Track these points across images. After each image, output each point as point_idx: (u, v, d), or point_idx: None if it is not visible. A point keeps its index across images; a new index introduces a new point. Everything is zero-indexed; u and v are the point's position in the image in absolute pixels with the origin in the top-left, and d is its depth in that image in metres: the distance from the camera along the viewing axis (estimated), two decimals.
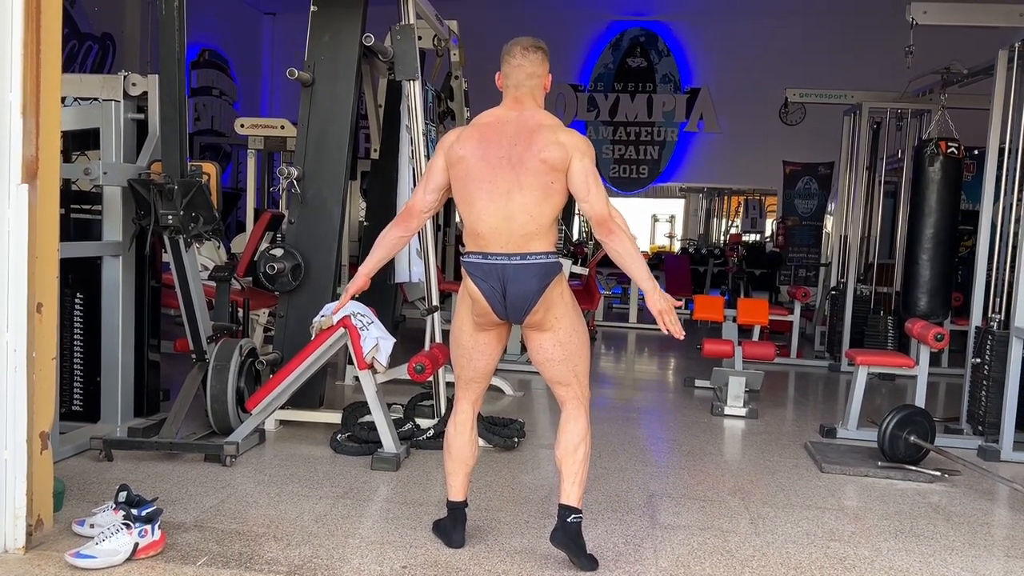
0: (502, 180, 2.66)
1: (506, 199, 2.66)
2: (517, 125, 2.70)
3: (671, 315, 2.61)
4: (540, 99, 2.79)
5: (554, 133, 2.68)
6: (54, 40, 2.80)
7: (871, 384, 6.51)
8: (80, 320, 4.26)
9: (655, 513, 3.49)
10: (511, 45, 2.78)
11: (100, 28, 9.33)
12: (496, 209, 2.67)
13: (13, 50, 2.67)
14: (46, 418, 2.87)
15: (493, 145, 2.68)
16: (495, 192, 2.67)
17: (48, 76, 2.78)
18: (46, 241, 2.82)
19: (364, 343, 3.93)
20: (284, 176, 4.55)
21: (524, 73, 2.74)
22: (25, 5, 2.68)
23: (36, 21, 2.72)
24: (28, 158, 2.73)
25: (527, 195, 2.65)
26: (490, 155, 2.68)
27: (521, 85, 2.75)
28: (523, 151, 2.66)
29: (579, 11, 12.62)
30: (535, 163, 2.64)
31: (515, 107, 2.76)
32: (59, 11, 2.82)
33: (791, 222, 12.06)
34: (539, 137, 2.66)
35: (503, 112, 2.76)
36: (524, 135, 2.67)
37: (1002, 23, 4.87)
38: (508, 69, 2.76)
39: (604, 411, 5.33)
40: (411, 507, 3.40)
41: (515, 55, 2.75)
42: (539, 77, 2.77)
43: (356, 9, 4.63)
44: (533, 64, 2.74)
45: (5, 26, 2.66)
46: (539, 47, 2.77)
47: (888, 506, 3.72)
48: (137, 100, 4.21)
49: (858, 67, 10.39)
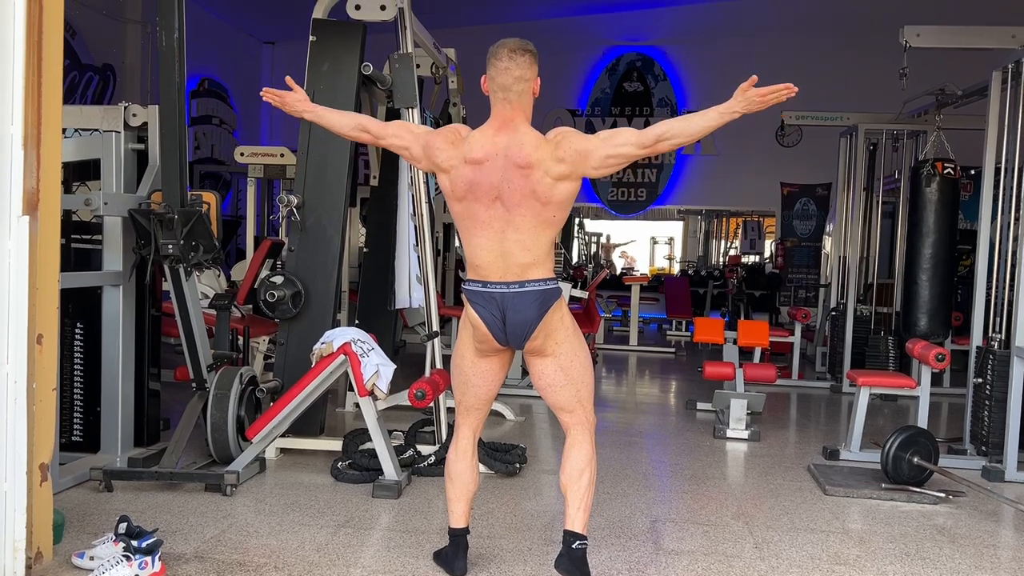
0: (496, 221, 2.64)
1: (501, 238, 2.65)
2: (506, 161, 2.60)
3: (760, 91, 2.53)
4: (529, 108, 2.67)
5: (543, 166, 2.58)
6: (55, 73, 2.82)
7: (873, 405, 6.49)
8: (80, 350, 4.26)
9: (659, 539, 3.47)
10: (497, 47, 2.64)
11: (101, 59, 9.41)
12: (492, 246, 2.67)
13: (15, 83, 2.69)
14: (46, 449, 2.87)
15: (485, 187, 2.62)
16: (490, 231, 2.66)
17: (49, 109, 2.80)
18: (47, 272, 2.83)
19: (364, 370, 3.92)
20: (284, 204, 4.57)
21: (512, 77, 2.60)
22: (27, 38, 2.71)
23: (38, 54, 2.75)
24: (29, 190, 2.75)
25: (522, 233, 2.64)
26: (483, 196, 2.63)
27: (509, 90, 2.61)
28: (516, 192, 2.60)
29: (576, 37, 12.75)
30: (530, 203, 2.61)
31: (504, 130, 2.63)
32: (60, 44, 2.85)
33: (790, 243, 12.08)
34: (532, 175, 2.58)
35: (491, 142, 2.62)
36: (516, 175, 2.59)
37: (994, 45, 4.91)
38: (494, 72, 2.62)
39: (606, 435, 5.31)
40: (413, 535, 3.38)
41: (502, 58, 2.61)
42: (527, 81, 2.63)
43: (355, 39, 4.67)
44: (521, 67, 2.61)
45: (6, 59, 2.68)
46: (527, 50, 2.63)
47: (893, 528, 3.70)
48: (137, 131, 4.24)
49: (854, 88, 10.47)
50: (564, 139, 2.62)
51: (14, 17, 2.68)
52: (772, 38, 12.00)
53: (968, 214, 8.17)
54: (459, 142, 2.67)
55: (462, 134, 2.70)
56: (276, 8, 10.93)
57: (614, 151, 2.60)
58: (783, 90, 2.53)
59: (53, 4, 2.80)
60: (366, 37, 4.71)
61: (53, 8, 2.80)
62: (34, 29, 2.73)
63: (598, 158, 2.60)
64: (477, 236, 2.68)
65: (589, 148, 2.60)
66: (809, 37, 11.83)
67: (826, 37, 11.72)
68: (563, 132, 2.66)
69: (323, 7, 4.72)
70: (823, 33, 11.71)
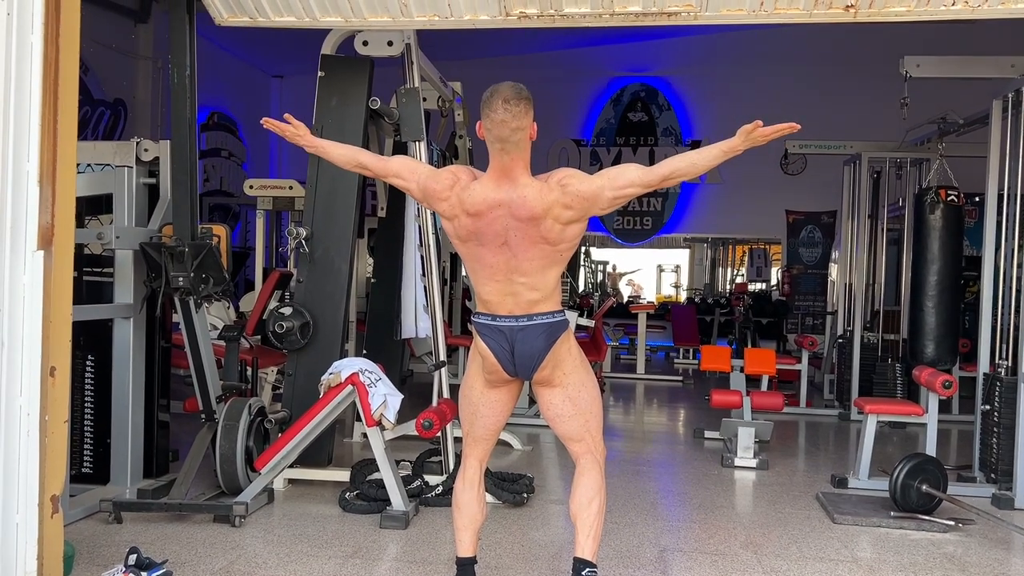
0: (503, 264, 2.67)
1: (508, 279, 2.69)
2: (509, 214, 2.60)
3: (764, 130, 2.59)
4: (527, 154, 2.64)
5: (552, 213, 2.58)
6: (70, 111, 2.89)
7: (882, 433, 6.47)
8: (91, 381, 4.30)
9: (667, 568, 3.46)
10: (491, 97, 2.58)
11: (112, 94, 9.56)
12: (500, 288, 2.71)
13: (31, 121, 2.75)
14: (57, 481, 2.88)
15: (490, 235, 2.64)
16: (498, 274, 2.69)
17: (64, 146, 2.86)
18: (60, 306, 2.87)
19: (372, 400, 3.94)
20: (293, 236, 4.63)
21: (508, 129, 2.56)
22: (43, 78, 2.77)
23: (54, 93, 2.81)
24: (44, 225, 2.80)
25: (529, 275, 2.68)
26: (488, 242, 2.65)
27: (506, 141, 2.58)
28: (524, 239, 2.62)
29: (580, 69, 12.89)
30: (540, 247, 2.63)
31: (504, 182, 2.61)
32: (75, 85, 2.91)
33: (796, 270, 12.10)
34: (542, 224, 2.60)
35: (492, 196, 2.61)
36: (523, 226, 2.60)
37: (994, 74, 4.96)
38: (490, 124, 2.58)
39: (614, 464, 5.29)
40: (421, 566, 3.38)
41: (496, 110, 2.56)
42: (524, 130, 2.58)
43: (362, 74, 4.75)
44: (517, 118, 2.56)
45: (23, 98, 2.75)
46: (521, 97, 2.57)
47: (902, 557, 3.68)
48: (149, 165, 4.31)
49: (857, 117, 10.54)
50: (569, 184, 2.61)
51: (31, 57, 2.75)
52: (775, 68, 12.11)
53: (973, 241, 8.19)
54: (460, 190, 2.64)
55: (462, 179, 2.67)
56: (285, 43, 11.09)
57: (620, 192, 2.64)
58: (786, 129, 2.57)
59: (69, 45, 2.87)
60: (373, 71, 4.79)
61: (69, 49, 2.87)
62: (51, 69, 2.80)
63: (605, 200, 2.63)
64: (484, 277, 2.72)
65: (595, 191, 2.61)
66: (811, 67, 11.95)
67: (828, 66, 11.83)
68: (567, 177, 2.64)
69: (332, 43, 4.81)
70: (825, 62, 11.81)
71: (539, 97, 2.69)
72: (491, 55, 11.75)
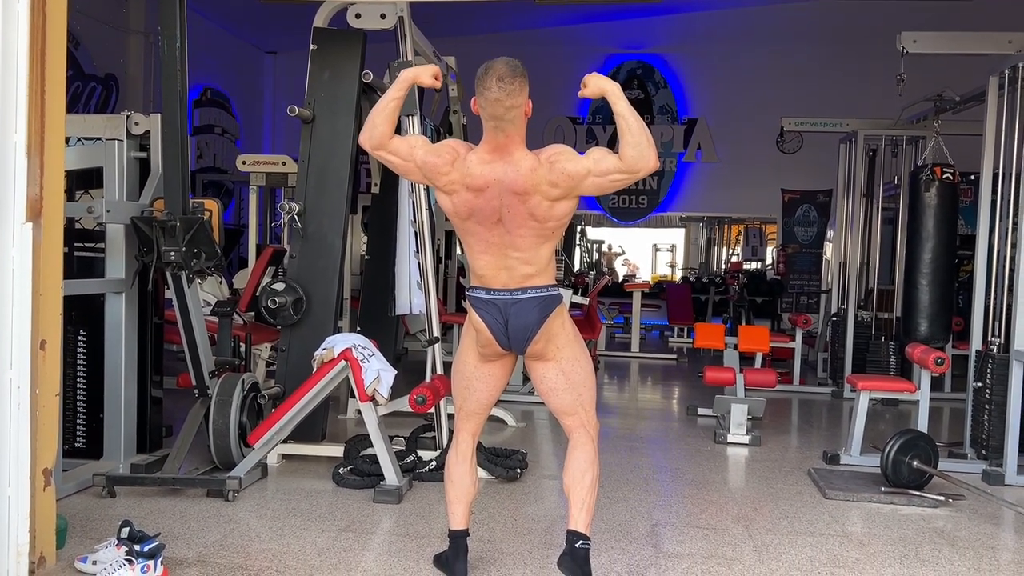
0: (498, 240, 2.67)
1: (503, 255, 2.69)
2: (502, 188, 2.59)
3: (596, 81, 2.57)
4: (522, 130, 2.62)
5: (540, 190, 2.57)
6: (58, 81, 2.86)
7: (874, 410, 6.49)
8: (83, 357, 4.29)
9: (659, 542, 3.48)
10: (485, 75, 2.54)
11: (104, 69, 9.46)
12: (496, 262, 2.71)
13: (18, 92, 2.73)
14: (49, 455, 2.89)
15: (487, 212, 2.63)
16: (493, 249, 2.69)
17: (52, 117, 2.83)
18: (49, 279, 2.86)
19: (365, 375, 3.94)
20: (285, 211, 4.60)
21: (503, 107, 2.53)
22: (30, 47, 2.74)
23: (41, 63, 2.78)
24: (32, 197, 2.78)
25: (523, 251, 2.68)
26: (485, 220, 2.65)
27: (501, 119, 2.55)
28: (516, 216, 2.62)
29: (576, 45, 12.79)
30: (530, 224, 2.63)
31: (499, 156, 2.60)
32: (63, 53, 2.88)
33: (791, 249, 12.10)
34: (530, 200, 2.59)
35: (488, 168, 2.60)
36: (514, 200, 2.59)
37: (991, 50, 4.93)
38: (484, 102, 2.55)
39: (607, 441, 5.32)
40: (414, 540, 3.39)
41: (491, 87, 2.52)
42: (519, 108, 2.55)
43: (355, 47, 4.71)
44: (511, 96, 2.52)
45: (10, 69, 2.72)
46: (516, 74, 2.53)
47: (892, 532, 3.70)
48: (140, 139, 4.28)
49: (853, 95, 10.50)
50: (556, 162, 2.59)
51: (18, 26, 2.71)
52: (771, 46, 12.04)
53: (968, 220, 8.18)
54: (459, 163, 2.63)
55: (461, 153, 2.65)
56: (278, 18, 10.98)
57: (603, 179, 2.58)
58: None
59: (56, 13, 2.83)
60: (366, 45, 4.75)
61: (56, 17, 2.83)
62: (37, 38, 2.77)
63: (589, 184, 2.60)
64: (480, 253, 2.73)
65: (581, 173, 2.58)
66: (808, 44, 11.88)
67: (825, 44, 11.76)
68: (556, 153, 2.62)
69: (324, 16, 4.76)
70: (822, 40, 11.75)
71: (534, 74, 2.64)
72: (486, 32, 11.66)
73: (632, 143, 2.51)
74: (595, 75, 2.61)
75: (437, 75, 2.70)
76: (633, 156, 2.51)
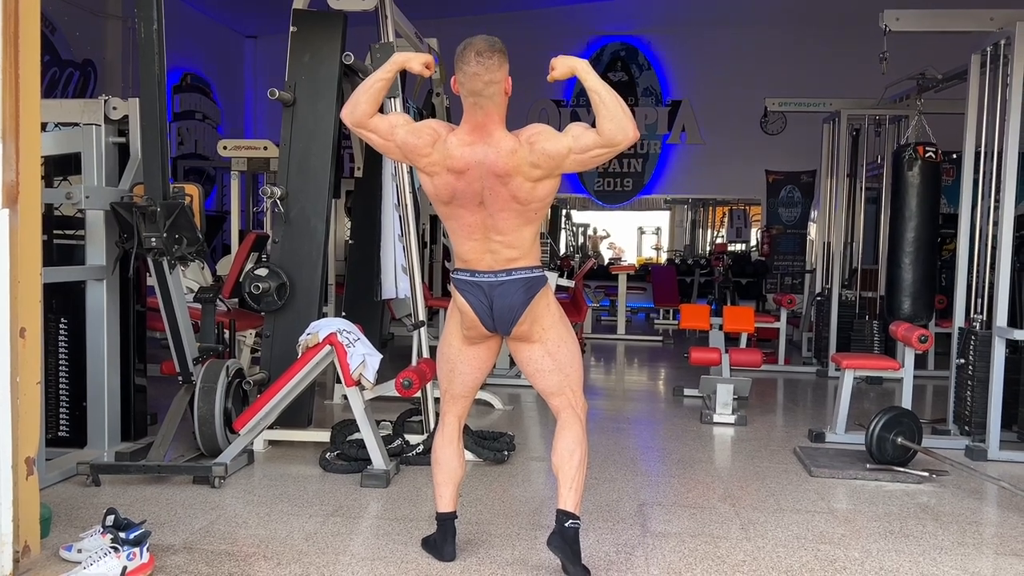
0: (481, 223, 2.67)
1: (486, 238, 2.69)
2: (484, 170, 2.57)
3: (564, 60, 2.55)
4: (503, 108, 2.60)
5: (521, 171, 2.56)
6: (32, 64, 2.81)
7: (859, 388, 6.55)
8: (65, 345, 4.24)
9: (646, 521, 3.49)
10: (464, 50, 2.53)
11: (81, 55, 9.34)
12: (479, 246, 2.70)
13: None
14: (31, 443, 2.85)
15: (469, 195, 2.62)
16: (476, 232, 2.69)
17: (27, 101, 2.78)
18: (28, 265, 2.82)
19: (351, 360, 3.92)
20: (268, 196, 4.56)
21: (481, 82, 2.51)
22: (3, 31, 2.69)
23: (14, 46, 2.73)
24: (8, 183, 2.73)
25: (506, 233, 2.67)
26: (467, 202, 2.64)
27: (480, 94, 2.53)
28: (498, 198, 2.60)
29: (559, 27, 12.73)
30: (512, 206, 2.62)
31: (479, 136, 2.58)
32: (37, 35, 2.83)
33: (775, 231, 12.14)
34: (512, 182, 2.57)
35: (469, 150, 2.58)
36: (496, 182, 2.58)
37: (973, 28, 4.93)
38: (463, 78, 2.53)
39: (594, 422, 5.33)
40: (402, 523, 3.39)
41: (469, 62, 2.51)
42: (498, 84, 2.54)
43: (336, 29, 4.66)
44: (490, 71, 2.51)
45: None
46: (495, 50, 2.52)
47: (877, 508, 3.74)
48: (118, 124, 4.22)
49: (836, 75, 10.52)
50: (536, 143, 2.57)
51: None
52: (755, 26, 12.04)
53: (951, 199, 8.22)
54: (440, 144, 2.61)
55: (441, 134, 2.63)
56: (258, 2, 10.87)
57: (584, 156, 2.56)
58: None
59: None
60: (347, 27, 4.70)
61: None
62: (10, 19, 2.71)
63: (572, 162, 2.58)
64: (463, 236, 2.72)
65: (560, 151, 2.56)
66: (791, 24, 11.88)
67: (808, 25, 11.77)
68: (536, 134, 2.60)
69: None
70: (805, 21, 11.75)
71: (518, 56, 2.63)
72: (469, 13, 11.58)
73: (608, 116, 2.49)
74: (561, 56, 2.59)
75: (429, 64, 2.68)
76: (611, 129, 2.49)
